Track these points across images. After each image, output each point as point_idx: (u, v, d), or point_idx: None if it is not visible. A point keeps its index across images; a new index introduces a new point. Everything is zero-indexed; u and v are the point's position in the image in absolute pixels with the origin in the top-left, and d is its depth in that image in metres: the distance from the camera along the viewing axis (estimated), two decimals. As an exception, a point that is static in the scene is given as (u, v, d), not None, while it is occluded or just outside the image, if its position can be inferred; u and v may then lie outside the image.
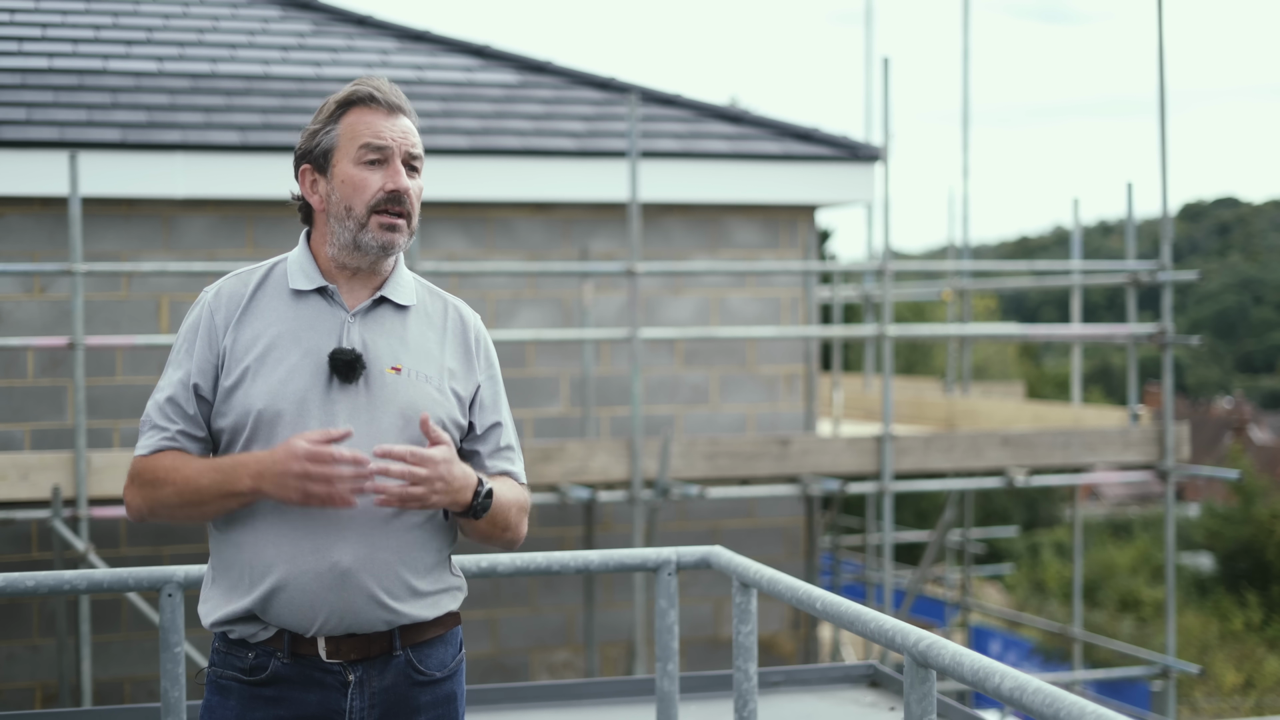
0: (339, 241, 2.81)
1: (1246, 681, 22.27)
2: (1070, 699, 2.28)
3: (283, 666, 2.76)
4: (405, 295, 2.86)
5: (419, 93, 10.09)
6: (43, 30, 10.19)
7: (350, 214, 2.78)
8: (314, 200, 2.84)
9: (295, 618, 2.73)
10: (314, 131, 2.84)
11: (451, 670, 2.88)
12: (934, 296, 16.00)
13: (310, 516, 2.71)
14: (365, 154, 2.79)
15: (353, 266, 2.82)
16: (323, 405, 2.74)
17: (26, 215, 8.71)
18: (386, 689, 2.79)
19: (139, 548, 8.68)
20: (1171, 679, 10.24)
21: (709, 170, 9.77)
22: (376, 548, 2.74)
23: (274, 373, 2.75)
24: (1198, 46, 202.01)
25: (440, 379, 2.84)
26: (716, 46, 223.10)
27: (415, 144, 2.84)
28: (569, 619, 9.49)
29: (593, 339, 8.88)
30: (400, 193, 2.78)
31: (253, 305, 2.81)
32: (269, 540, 2.73)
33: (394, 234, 2.79)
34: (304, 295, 2.82)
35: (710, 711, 4.11)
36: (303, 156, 2.85)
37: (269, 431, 2.73)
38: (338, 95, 2.86)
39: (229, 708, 2.79)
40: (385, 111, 2.83)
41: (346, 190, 2.79)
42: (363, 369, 2.76)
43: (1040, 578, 27.91)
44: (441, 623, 2.86)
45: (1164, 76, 9.94)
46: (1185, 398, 47.16)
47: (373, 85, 2.85)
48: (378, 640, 2.78)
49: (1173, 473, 9.80)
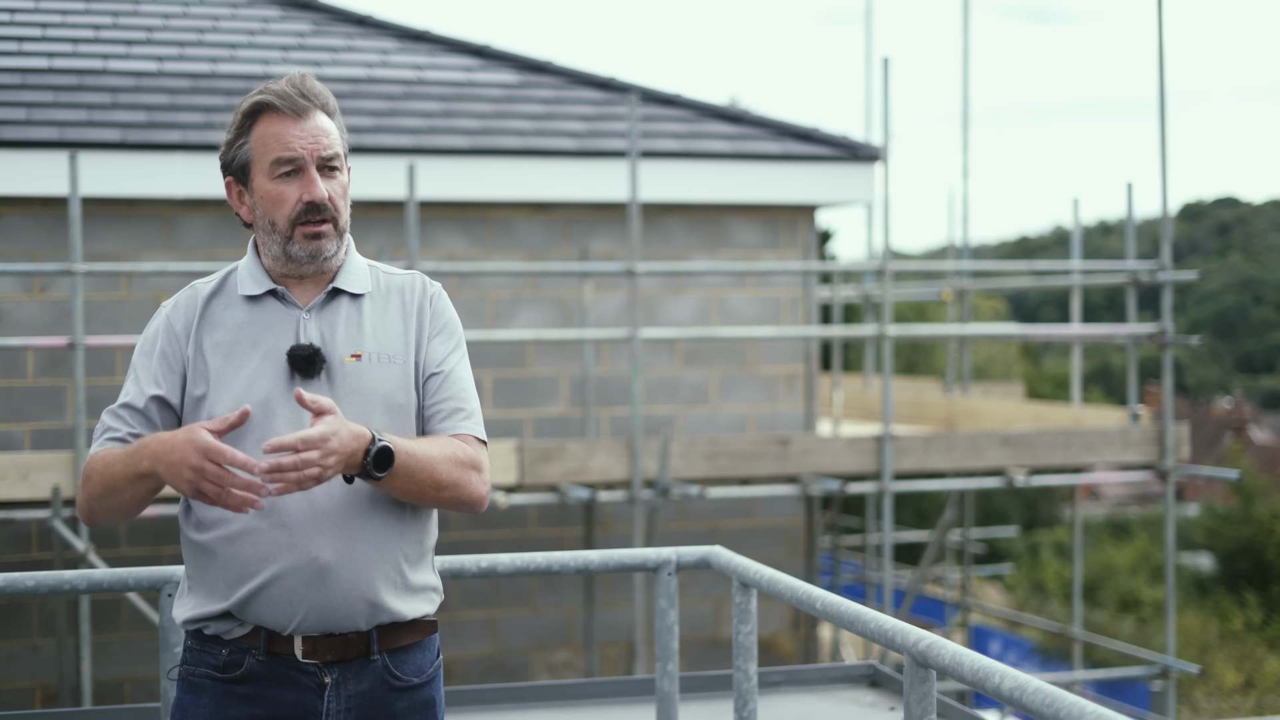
0: (271, 253, 2.81)
1: (1246, 681, 22.27)
2: (1070, 699, 2.28)
3: (258, 664, 2.72)
4: (359, 283, 2.85)
5: (419, 93, 10.09)
6: (43, 30, 10.19)
7: (275, 228, 2.78)
8: (243, 212, 2.85)
9: (274, 616, 2.71)
10: (229, 143, 2.82)
11: (430, 676, 2.86)
12: (934, 296, 16.00)
13: (284, 513, 2.69)
14: (278, 168, 2.76)
15: (295, 275, 2.82)
16: (287, 403, 2.73)
17: (26, 215, 8.71)
18: (363, 693, 2.76)
19: (139, 548, 8.68)
20: (1171, 679, 10.24)
21: (709, 170, 9.77)
22: (356, 540, 2.72)
23: (236, 378, 2.75)
24: (1197, 46, 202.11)
25: (405, 356, 2.82)
26: (715, 47, 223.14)
27: (328, 144, 2.78)
28: (569, 619, 9.50)
29: (593, 339, 8.89)
30: (317, 203, 2.76)
31: (209, 314, 2.81)
32: (245, 542, 2.70)
33: (319, 241, 2.78)
34: (257, 299, 2.82)
35: (710, 711, 4.11)
36: (225, 169, 2.84)
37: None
38: (244, 104, 2.80)
39: (202, 705, 2.75)
40: (292, 117, 2.76)
41: (267, 205, 2.78)
42: (323, 362, 2.75)
43: (1040, 578, 27.91)
44: (418, 628, 2.83)
45: (1164, 76, 9.94)
46: (1185, 398, 47.16)
47: (275, 91, 2.78)
48: (355, 642, 2.75)
49: (1173, 473, 9.80)
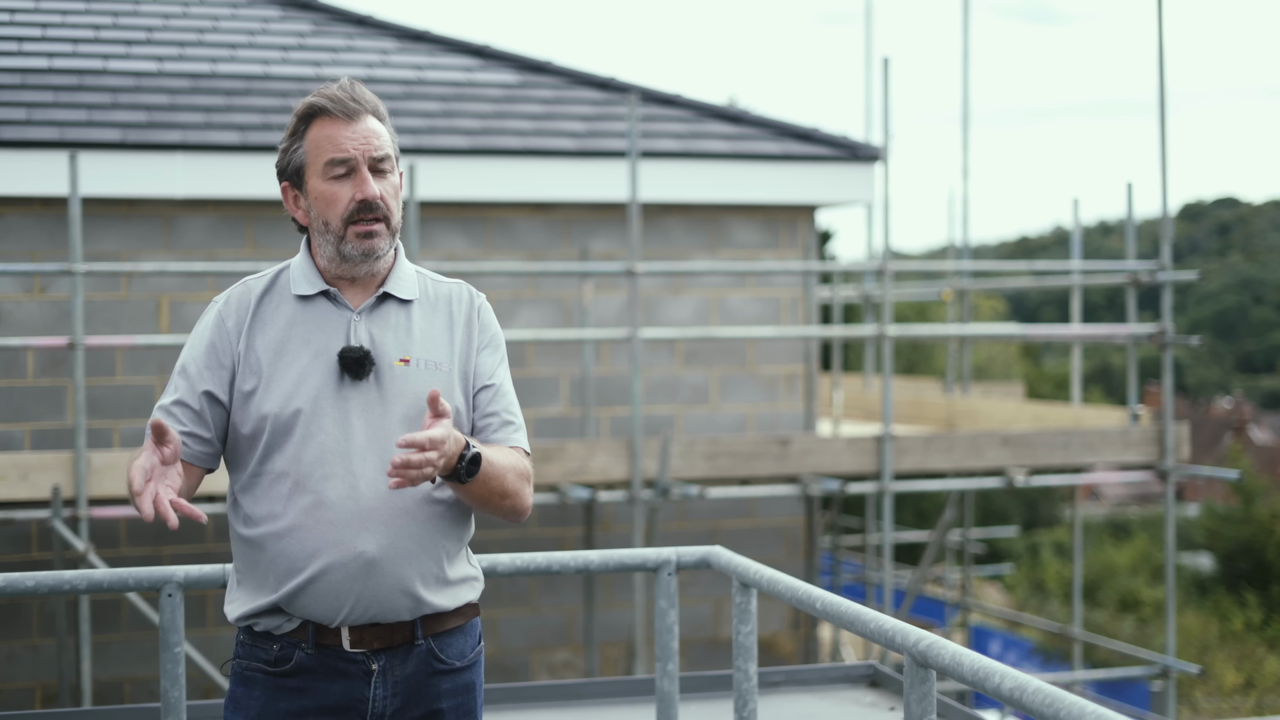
0: (325, 255, 2.88)
1: (1246, 681, 22.26)
2: (1070, 699, 2.28)
3: (307, 657, 2.81)
4: (408, 289, 2.92)
5: (419, 93, 10.09)
6: (43, 30, 10.19)
7: (328, 228, 2.85)
8: (299, 215, 2.92)
9: (321, 609, 2.79)
10: (285, 149, 2.91)
11: (471, 660, 2.95)
12: (934, 296, 16.00)
13: (331, 509, 2.77)
14: (331, 169, 2.83)
15: (348, 276, 2.89)
16: (335, 403, 2.81)
17: (26, 215, 8.71)
18: (408, 678, 2.85)
19: (139, 548, 8.68)
20: (1171, 679, 10.24)
21: (709, 170, 9.77)
22: (400, 536, 2.80)
23: (287, 376, 2.83)
24: (1197, 46, 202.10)
25: (450, 364, 2.90)
26: (714, 47, 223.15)
27: (379, 145, 2.86)
28: (569, 619, 9.50)
29: (593, 339, 8.88)
30: (369, 201, 2.83)
31: (261, 311, 2.89)
32: (292, 538, 2.78)
33: (372, 240, 2.84)
34: (309, 299, 2.89)
35: (710, 711, 4.11)
36: (280, 174, 2.93)
37: (286, 433, 2.80)
38: (298, 109, 2.91)
39: (254, 698, 2.84)
40: (344, 120, 2.85)
41: (321, 206, 2.85)
42: (372, 365, 2.83)
43: (1040, 578, 27.90)
44: (461, 613, 2.92)
45: (1164, 76, 9.94)
46: (1185, 398, 47.16)
47: (327, 95, 2.88)
48: (400, 630, 2.83)
49: (1173, 473, 9.80)
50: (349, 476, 2.78)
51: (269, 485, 2.81)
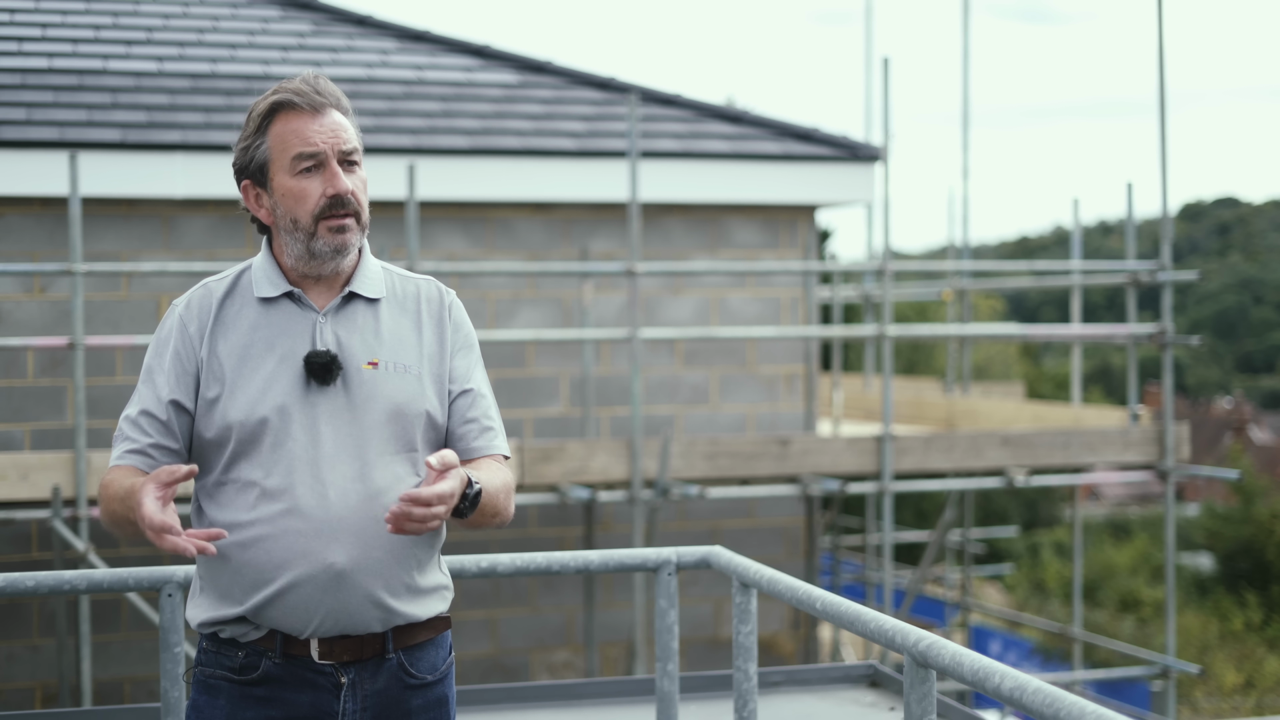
0: (293, 253, 2.79)
1: (1246, 681, 22.26)
2: (1070, 699, 2.28)
3: (274, 666, 2.73)
4: (374, 288, 2.84)
5: (419, 93, 10.09)
6: (43, 30, 10.19)
7: (297, 225, 2.76)
8: (262, 215, 2.82)
9: (290, 622, 2.71)
10: (245, 147, 2.80)
11: (443, 673, 2.88)
12: (934, 296, 15.99)
13: (299, 519, 2.69)
14: (299, 164, 2.74)
15: (314, 274, 2.81)
16: (302, 410, 2.73)
17: (26, 215, 8.71)
18: (379, 692, 2.77)
19: (139, 548, 8.67)
20: (1171, 679, 10.24)
21: (709, 170, 9.77)
22: (371, 546, 2.72)
23: (251, 382, 2.74)
24: (1197, 46, 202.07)
25: (420, 366, 2.82)
26: (713, 47, 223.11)
27: (348, 138, 2.78)
28: (569, 619, 9.49)
29: (593, 339, 8.88)
30: (341, 196, 2.75)
31: (223, 315, 2.80)
32: (259, 548, 2.70)
33: (344, 235, 2.76)
34: (272, 301, 2.80)
35: (710, 711, 4.11)
36: (240, 173, 2.82)
37: (252, 441, 2.72)
38: (259, 105, 2.80)
39: (218, 707, 2.75)
40: (310, 113, 2.77)
41: (289, 203, 2.75)
42: (339, 369, 2.75)
43: (1040, 578, 27.90)
44: (432, 625, 2.85)
45: (1164, 76, 9.94)
46: (1185, 398, 47.16)
47: (291, 89, 2.78)
48: (370, 642, 2.76)
49: (1173, 473, 9.80)
50: (318, 485, 2.70)
51: (235, 494, 2.73)
